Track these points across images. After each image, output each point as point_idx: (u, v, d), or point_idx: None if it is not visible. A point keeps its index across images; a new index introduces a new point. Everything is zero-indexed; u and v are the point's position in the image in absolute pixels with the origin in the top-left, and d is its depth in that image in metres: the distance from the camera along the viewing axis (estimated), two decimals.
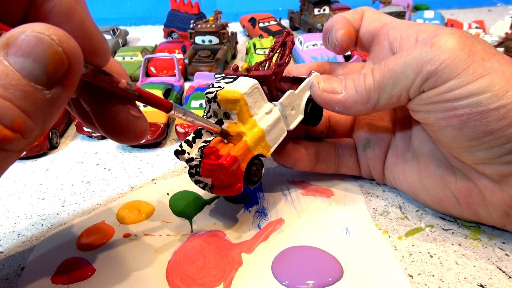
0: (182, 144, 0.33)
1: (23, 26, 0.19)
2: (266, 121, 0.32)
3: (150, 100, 0.25)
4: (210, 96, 0.32)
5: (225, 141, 0.32)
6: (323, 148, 0.38)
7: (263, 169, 0.33)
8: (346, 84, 0.32)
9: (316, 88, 0.33)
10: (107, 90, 0.24)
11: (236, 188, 0.31)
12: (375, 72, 0.31)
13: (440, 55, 0.27)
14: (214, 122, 0.33)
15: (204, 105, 0.34)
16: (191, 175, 0.33)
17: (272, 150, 0.33)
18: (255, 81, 0.32)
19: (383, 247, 0.32)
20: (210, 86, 0.33)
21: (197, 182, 0.33)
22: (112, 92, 0.24)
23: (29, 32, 0.18)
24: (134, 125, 0.26)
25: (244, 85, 0.31)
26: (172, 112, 0.27)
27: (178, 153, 0.32)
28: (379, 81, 0.30)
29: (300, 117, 0.35)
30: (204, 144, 0.32)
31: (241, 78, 0.32)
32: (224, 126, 0.32)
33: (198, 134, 0.33)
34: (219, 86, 0.32)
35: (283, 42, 0.36)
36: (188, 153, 0.32)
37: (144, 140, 0.48)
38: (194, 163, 0.32)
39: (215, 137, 0.32)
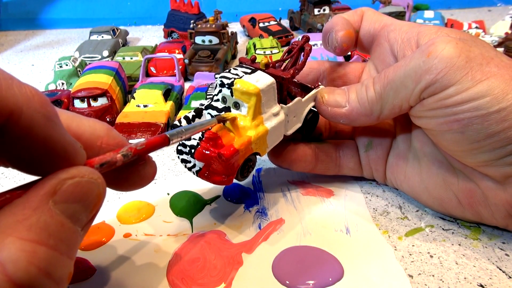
0: (182, 120, 0.32)
1: (68, 171, 0.18)
2: (272, 122, 0.32)
3: (149, 150, 0.25)
4: (225, 81, 0.31)
5: (227, 130, 0.31)
6: (322, 149, 0.38)
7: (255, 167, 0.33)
8: (349, 97, 0.33)
9: (320, 103, 0.34)
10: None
11: (227, 179, 0.30)
12: (376, 84, 0.31)
13: (437, 64, 0.27)
14: (220, 108, 0.32)
15: (212, 88, 0.33)
16: (179, 152, 0.32)
17: (267, 151, 0.33)
18: (273, 80, 0.31)
19: (383, 247, 0.32)
20: (227, 71, 0.32)
21: (183, 161, 0.32)
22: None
23: (79, 178, 0.18)
24: (145, 172, 0.26)
25: (263, 81, 0.31)
26: (173, 141, 0.26)
27: (176, 128, 0.32)
28: (381, 93, 0.31)
29: (298, 125, 0.35)
30: None
31: (259, 72, 0.32)
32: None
33: (198, 113, 0.33)
34: (236, 74, 0.32)
35: (301, 47, 0.36)
36: None
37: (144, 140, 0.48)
38: (190, 142, 0.31)
39: (220, 115, 0.31)
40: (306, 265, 0.30)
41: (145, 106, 0.53)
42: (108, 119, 0.52)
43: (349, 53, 0.65)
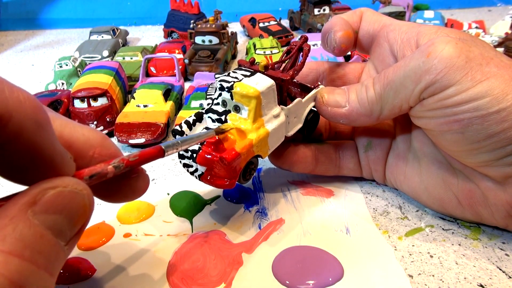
0: (182, 125, 0.32)
1: (52, 181, 0.18)
2: (273, 124, 0.32)
3: (142, 162, 0.24)
4: (225, 85, 0.31)
5: (229, 134, 0.31)
6: (322, 150, 0.38)
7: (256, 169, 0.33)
8: (349, 97, 0.33)
9: (320, 103, 0.34)
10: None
11: (230, 183, 0.30)
12: (375, 84, 0.31)
13: (437, 64, 0.27)
14: (221, 111, 0.32)
15: (212, 91, 0.33)
16: (181, 156, 0.32)
17: (269, 152, 0.33)
18: (273, 82, 0.31)
19: (383, 247, 0.32)
20: (226, 74, 0.32)
21: (185, 166, 0.32)
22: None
23: (61, 188, 0.17)
24: (137, 185, 0.25)
25: (263, 84, 0.31)
26: (168, 153, 0.26)
27: (177, 133, 0.32)
28: (380, 93, 0.31)
29: (299, 125, 0.35)
30: None
31: (259, 74, 0.32)
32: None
33: (199, 117, 0.33)
34: (236, 77, 0.31)
35: (300, 47, 0.35)
36: (186, 135, 0.32)
37: (144, 140, 0.48)
38: (191, 147, 0.31)
39: (218, 127, 0.32)
40: (306, 265, 0.30)
41: (145, 106, 0.53)
42: (108, 119, 0.52)
43: (349, 53, 0.65)
